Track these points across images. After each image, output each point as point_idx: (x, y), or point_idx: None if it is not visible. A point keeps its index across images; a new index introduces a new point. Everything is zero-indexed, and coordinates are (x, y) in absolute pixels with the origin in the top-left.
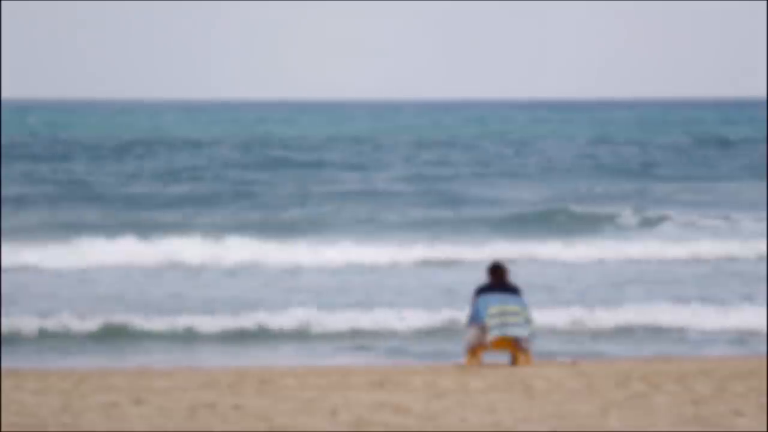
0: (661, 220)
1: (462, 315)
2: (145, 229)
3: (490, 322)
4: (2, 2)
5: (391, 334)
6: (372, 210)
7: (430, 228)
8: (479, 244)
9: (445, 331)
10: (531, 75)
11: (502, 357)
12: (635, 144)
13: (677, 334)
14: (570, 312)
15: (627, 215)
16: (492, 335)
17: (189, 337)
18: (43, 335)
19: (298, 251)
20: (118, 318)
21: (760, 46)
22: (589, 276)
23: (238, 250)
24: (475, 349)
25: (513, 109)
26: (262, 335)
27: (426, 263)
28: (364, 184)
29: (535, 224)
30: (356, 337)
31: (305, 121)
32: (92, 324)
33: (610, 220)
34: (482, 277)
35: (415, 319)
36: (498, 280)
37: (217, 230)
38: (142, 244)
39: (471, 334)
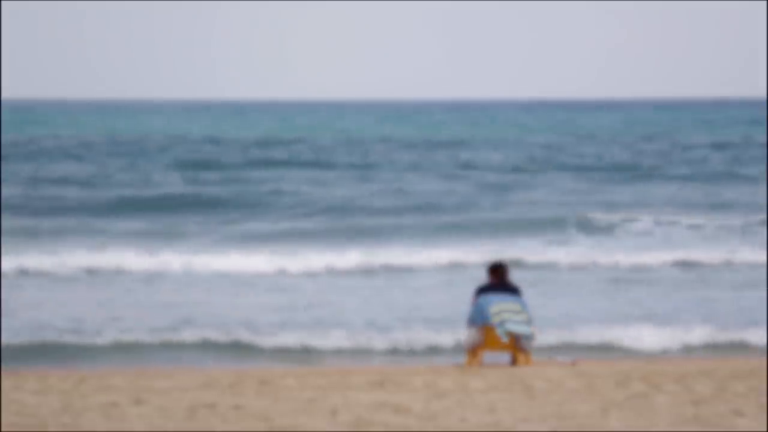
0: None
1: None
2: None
3: (495, 319)
4: (2, 2)
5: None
6: (379, 212)
7: (455, 232)
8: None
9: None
10: (531, 75)
11: (502, 357)
12: (652, 144)
13: None
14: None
15: (644, 220)
16: (499, 332)
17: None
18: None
19: (303, 257)
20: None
21: (760, 46)
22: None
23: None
24: (475, 349)
25: (514, 110)
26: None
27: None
28: (368, 185)
29: (549, 228)
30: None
31: (306, 120)
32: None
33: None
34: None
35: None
36: (498, 280)
37: (217, 236)
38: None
39: (471, 334)
